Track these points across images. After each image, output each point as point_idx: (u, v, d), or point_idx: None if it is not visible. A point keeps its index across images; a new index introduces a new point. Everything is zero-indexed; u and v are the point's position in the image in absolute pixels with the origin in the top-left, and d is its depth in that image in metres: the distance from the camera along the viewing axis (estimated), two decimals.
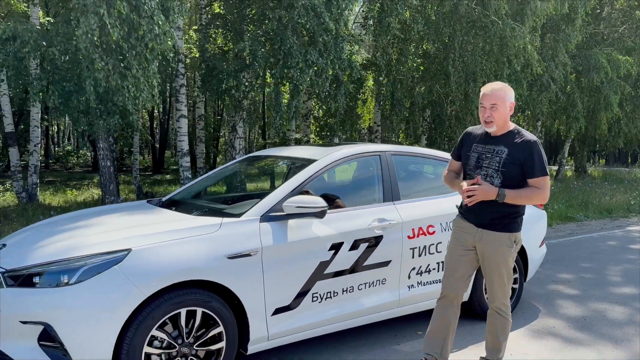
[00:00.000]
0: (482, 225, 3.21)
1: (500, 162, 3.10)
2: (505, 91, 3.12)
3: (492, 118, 3.10)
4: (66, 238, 3.18)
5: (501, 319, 3.29)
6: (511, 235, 3.19)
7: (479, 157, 3.21)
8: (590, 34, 16.02)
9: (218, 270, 3.08)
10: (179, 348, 2.99)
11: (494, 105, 3.08)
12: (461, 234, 3.32)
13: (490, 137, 3.20)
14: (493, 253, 3.19)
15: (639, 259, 7.02)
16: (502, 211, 3.14)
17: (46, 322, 2.74)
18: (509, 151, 3.09)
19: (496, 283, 3.24)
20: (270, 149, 5.23)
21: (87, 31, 6.85)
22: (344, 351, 3.80)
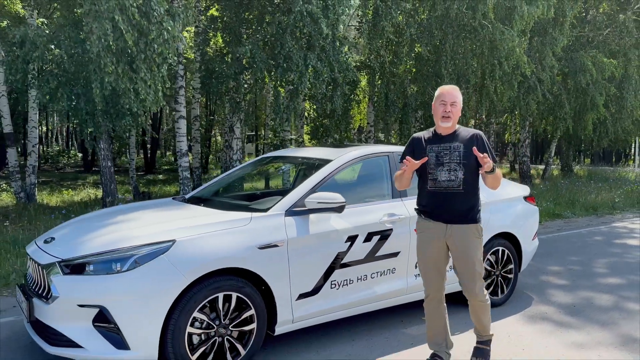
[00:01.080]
0: (451, 220, 3.39)
1: (460, 156, 3.33)
2: (460, 93, 3.42)
3: (451, 114, 3.33)
4: (112, 231, 3.51)
5: (481, 304, 3.49)
6: (477, 226, 3.42)
7: (437, 156, 3.38)
8: (576, 37, 16.54)
9: (250, 259, 3.44)
10: (217, 329, 3.34)
11: (454, 102, 3.34)
12: (429, 234, 3.47)
13: (441, 137, 3.43)
14: (465, 246, 3.38)
15: (623, 253, 7.47)
16: (469, 204, 3.38)
17: (102, 305, 3.07)
18: (465, 145, 3.34)
19: (471, 274, 3.41)
20: (285, 149, 5.59)
21: (101, 36, 7.14)
22: (357, 334, 4.17)
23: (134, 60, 7.66)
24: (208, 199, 4.57)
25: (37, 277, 3.43)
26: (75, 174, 26.80)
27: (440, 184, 3.37)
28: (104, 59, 7.30)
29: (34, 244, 3.76)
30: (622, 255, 7.28)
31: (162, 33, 7.59)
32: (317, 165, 4.25)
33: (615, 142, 20.78)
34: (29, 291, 3.47)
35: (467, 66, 13.33)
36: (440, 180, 3.36)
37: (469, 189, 3.36)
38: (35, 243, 3.77)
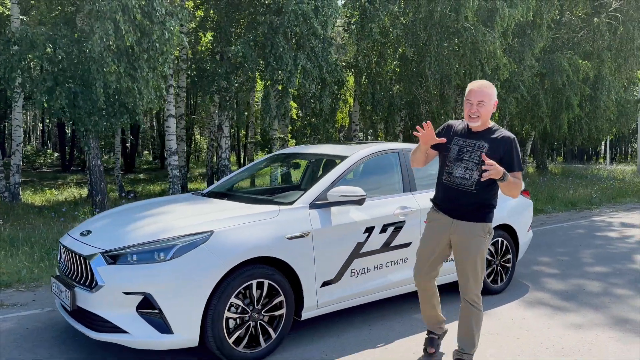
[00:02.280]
0: (458, 216, 3.35)
1: (480, 156, 3.23)
2: (492, 89, 3.28)
3: (479, 113, 3.23)
4: (150, 223, 3.71)
5: (475, 311, 3.37)
6: (485, 226, 3.33)
7: (459, 150, 3.33)
8: (552, 39, 17.11)
9: (281, 248, 3.67)
10: (251, 313, 3.56)
11: (481, 101, 3.22)
12: (436, 226, 3.47)
13: (471, 132, 3.34)
14: (468, 243, 3.32)
15: (606, 244, 7.91)
16: (479, 202, 3.31)
17: (147, 292, 3.27)
18: (490, 146, 3.24)
19: (470, 274, 3.33)
20: (296, 147, 5.83)
21: (102, 36, 7.26)
22: (372, 320, 4.44)
23: (137, 60, 7.79)
24: (229, 193, 4.78)
25: (77, 267, 3.60)
26: (54, 173, 26.47)
27: (454, 179, 3.34)
28: (105, 58, 7.41)
29: (68, 237, 3.92)
30: (605, 247, 7.71)
31: (163, 33, 7.73)
32: (333, 162, 4.51)
33: (589, 140, 21.51)
34: (69, 281, 3.64)
35: (450, 67, 13.73)
36: (455, 176, 3.32)
37: (481, 191, 3.29)
38: (69, 236, 3.94)
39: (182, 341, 3.33)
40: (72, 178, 23.22)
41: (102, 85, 8.09)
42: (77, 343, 3.93)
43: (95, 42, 7.35)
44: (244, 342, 3.53)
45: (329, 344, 3.94)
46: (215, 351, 3.43)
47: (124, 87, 7.97)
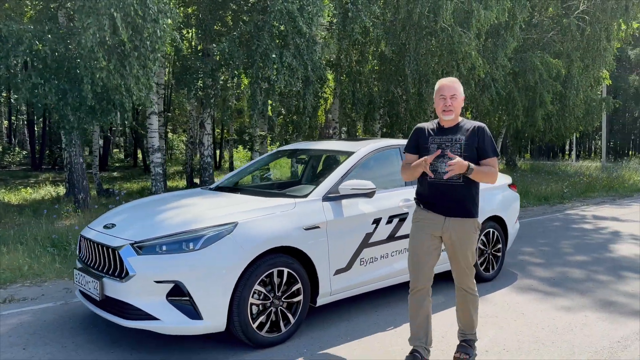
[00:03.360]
0: (451, 213, 3.40)
1: (461, 148, 3.34)
2: (460, 84, 3.45)
3: (452, 107, 3.34)
4: (174, 216, 3.88)
5: (470, 296, 3.52)
6: (474, 221, 3.45)
7: (439, 147, 3.38)
8: (524, 38, 17.69)
9: (299, 238, 3.89)
10: (272, 300, 3.77)
11: (454, 95, 3.34)
12: (426, 225, 3.47)
13: (443, 129, 3.44)
14: (462, 239, 3.39)
15: (582, 235, 8.37)
16: (464, 196, 3.39)
17: (178, 280, 3.45)
18: (466, 138, 3.36)
19: (464, 267, 3.45)
20: (299, 143, 6.04)
21: (96, 32, 7.30)
22: (379, 306, 4.69)
23: (127, 57, 7.85)
24: (239, 188, 4.97)
25: (104, 259, 3.74)
26: (24, 172, 26.01)
27: (440, 175, 3.36)
28: (97, 54, 7.45)
29: (91, 230, 4.05)
30: (582, 238, 8.16)
31: (155, 30, 7.82)
32: (340, 157, 4.74)
33: (558, 137, 22.28)
34: (96, 272, 3.77)
35: (428, 67, 14.10)
36: (441, 172, 3.35)
37: (469, 181, 3.36)
38: (92, 229, 4.06)
39: (210, 326, 3.52)
40: (45, 176, 22.88)
41: (90, 82, 8.11)
42: (99, 331, 4.07)
43: (88, 37, 7.37)
44: (266, 327, 3.74)
45: (342, 328, 4.18)
46: (241, 336, 3.62)
47: (113, 84, 8.01)
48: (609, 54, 18.98)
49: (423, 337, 3.46)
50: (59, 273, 5.90)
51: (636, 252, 7.09)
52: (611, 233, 8.61)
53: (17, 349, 3.77)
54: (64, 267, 6.04)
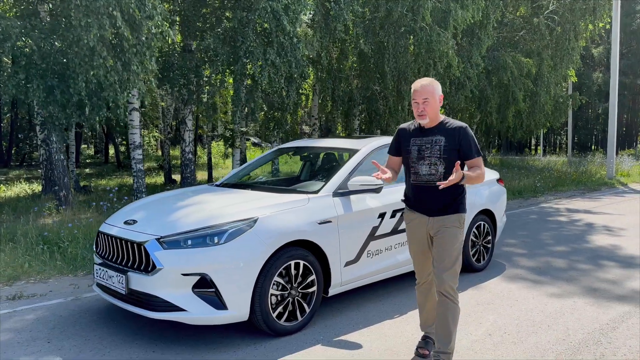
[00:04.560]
0: (431, 213, 3.40)
1: (441, 150, 3.30)
2: (434, 85, 3.33)
3: (425, 112, 3.29)
4: (194, 212, 4.05)
5: (451, 305, 3.30)
6: (459, 216, 3.39)
7: (419, 149, 3.38)
8: (496, 37, 18.22)
9: (314, 232, 4.10)
10: (290, 290, 3.98)
11: (426, 99, 3.28)
12: (414, 225, 3.52)
13: (424, 129, 3.40)
14: (444, 235, 3.34)
15: (559, 227, 8.81)
16: (450, 197, 3.35)
17: (205, 273, 3.62)
18: (446, 139, 3.30)
19: (447, 266, 3.30)
20: (301, 140, 6.24)
21: (97, 32, 7.35)
22: (382, 296, 4.94)
23: (125, 54, 7.90)
24: (248, 184, 5.15)
25: (128, 253, 3.88)
26: None
27: (421, 177, 3.37)
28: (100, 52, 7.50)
29: (112, 227, 4.16)
30: (559, 230, 8.59)
31: (150, 28, 7.89)
32: (344, 155, 4.97)
33: (528, 133, 23.01)
34: (120, 267, 3.90)
35: (406, 65, 14.44)
36: (422, 174, 3.36)
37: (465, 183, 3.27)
38: (113, 225, 4.18)
39: (234, 316, 3.71)
40: (16, 173, 22.43)
41: (84, 79, 8.13)
42: (118, 324, 4.20)
43: (91, 37, 7.41)
44: (284, 316, 3.94)
45: (352, 316, 4.41)
46: (262, 325, 3.82)
47: (109, 82, 8.05)
48: (576, 52, 19.71)
49: (432, 324, 3.58)
50: (60, 270, 5.96)
51: (611, 242, 7.54)
52: (586, 225, 9.08)
53: (41, 342, 3.88)
54: (64, 264, 6.10)
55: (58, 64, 9.00)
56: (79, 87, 8.29)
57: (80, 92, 8.40)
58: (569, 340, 3.91)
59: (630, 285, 5.36)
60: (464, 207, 3.45)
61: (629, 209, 11.03)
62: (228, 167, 26.06)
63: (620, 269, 6.02)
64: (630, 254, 6.79)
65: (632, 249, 7.06)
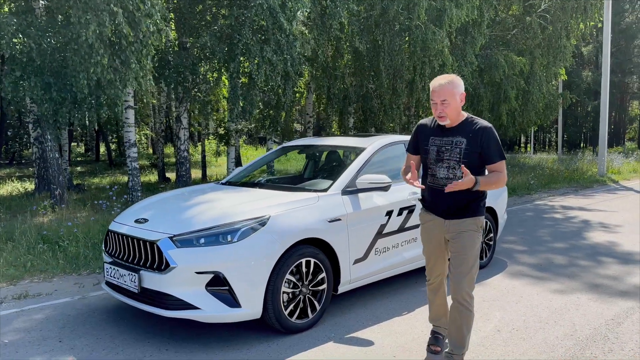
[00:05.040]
0: (449, 215, 3.28)
1: (461, 153, 3.14)
2: (454, 84, 3.14)
3: (444, 113, 3.13)
4: (205, 210, 4.05)
5: (465, 312, 3.24)
6: (477, 220, 3.25)
7: (438, 150, 3.22)
8: (489, 36, 18.34)
9: (324, 230, 4.13)
10: (301, 288, 4.00)
11: (444, 100, 3.10)
12: (430, 227, 3.44)
13: (445, 128, 3.24)
14: (460, 238, 3.23)
15: (555, 224, 8.91)
16: (467, 198, 3.21)
17: (219, 271, 3.63)
18: (468, 141, 3.13)
19: (464, 272, 3.21)
20: (306, 139, 6.26)
21: (95, 28, 7.30)
22: (388, 293, 4.98)
23: (124, 51, 7.87)
24: (255, 182, 5.17)
25: (140, 252, 3.88)
26: None
27: (439, 180, 3.27)
28: (97, 50, 7.46)
29: (123, 225, 4.15)
30: (555, 227, 8.69)
31: (149, 25, 7.86)
32: (352, 153, 5.00)
33: (520, 131, 23.19)
34: (131, 265, 3.90)
35: (401, 63, 14.50)
36: (439, 177, 3.26)
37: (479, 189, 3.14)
38: (123, 224, 4.17)
39: (248, 314, 3.72)
40: (6, 172, 22.24)
41: (85, 76, 8.08)
42: (128, 323, 4.20)
43: (89, 34, 7.37)
44: (296, 314, 3.96)
45: (360, 314, 4.44)
46: (274, 322, 3.84)
47: (106, 79, 8.01)
48: (567, 51, 19.89)
49: (442, 318, 3.59)
50: (63, 269, 5.93)
51: (608, 239, 7.64)
52: (582, 222, 9.19)
53: (53, 342, 3.87)
54: (66, 263, 6.07)
55: (54, 61, 8.94)
56: (81, 85, 8.25)
57: (83, 90, 8.36)
58: (577, 336, 3.97)
59: (631, 281, 5.45)
60: (482, 210, 3.30)
61: (622, 205, 11.18)
62: (221, 165, 25.98)
63: (619, 265, 6.11)
64: (628, 250, 6.88)
65: (629, 245, 7.16)
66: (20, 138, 28.44)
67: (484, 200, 3.31)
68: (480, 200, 3.28)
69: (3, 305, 4.74)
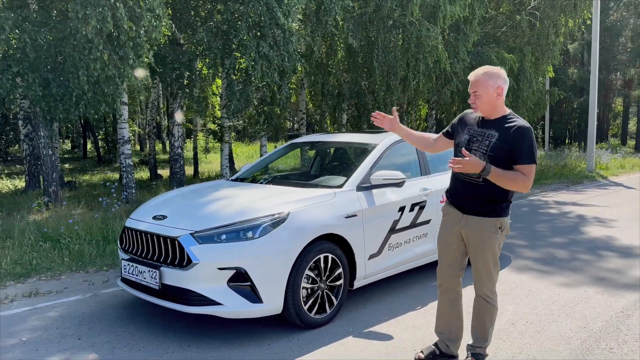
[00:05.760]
0: (467, 211, 3.23)
1: (489, 146, 3.08)
2: (489, 76, 3.10)
3: (476, 104, 3.14)
4: (224, 206, 4.07)
5: (488, 305, 3.29)
6: (496, 221, 3.16)
7: (469, 140, 3.20)
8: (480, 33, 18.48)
9: (341, 226, 4.16)
10: (319, 283, 4.03)
11: (476, 92, 3.11)
12: (447, 220, 3.39)
13: (484, 120, 3.21)
14: (478, 239, 3.19)
15: (552, 219, 9.04)
16: (488, 195, 3.14)
17: (241, 267, 3.65)
18: (499, 135, 3.07)
19: (482, 270, 3.23)
20: (315, 135, 6.27)
21: (96, 23, 7.25)
22: (400, 288, 5.03)
23: (122, 47, 7.81)
24: (267, 179, 5.19)
25: (160, 248, 3.88)
26: None
27: None
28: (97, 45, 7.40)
29: (140, 222, 4.15)
30: (552, 222, 8.82)
31: (151, 20, 7.82)
32: (364, 149, 5.04)
33: None
34: (152, 262, 3.90)
35: (395, 59, 14.55)
36: None
37: (489, 183, 3.07)
38: (141, 221, 4.16)
39: (269, 309, 3.75)
40: None
41: (85, 73, 8.02)
42: (145, 320, 4.20)
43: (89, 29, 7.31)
44: (314, 309, 3.99)
45: (375, 309, 4.49)
46: (294, 317, 3.87)
47: (105, 75, 7.95)
48: (556, 48, 20.10)
49: (445, 332, 3.48)
50: (68, 266, 5.89)
51: (605, 233, 7.78)
52: (577, 217, 9.34)
53: (72, 339, 3.85)
54: (71, 261, 6.03)
55: (50, 57, 8.85)
56: (80, 81, 8.18)
57: (82, 87, 8.28)
58: (590, 328, 4.05)
59: (634, 274, 5.56)
60: (504, 211, 3.20)
61: (614, 201, 11.37)
62: (211, 162, 25.90)
63: (620, 259, 6.23)
64: (627, 244, 7.02)
65: (627, 239, 7.30)
66: (6, 135, 28.06)
67: (507, 202, 3.22)
68: (503, 202, 3.19)
69: (15, 303, 4.71)
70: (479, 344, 3.38)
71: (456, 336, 3.49)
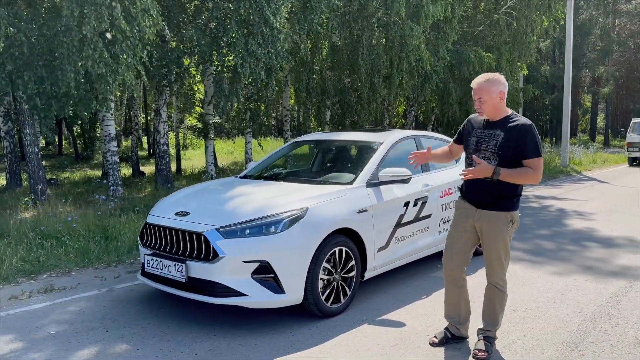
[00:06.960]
0: (482, 205, 3.48)
1: (496, 145, 3.34)
2: (492, 82, 3.37)
3: (482, 109, 3.42)
4: (244, 203, 4.27)
5: (499, 292, 3.57)
6: (508, 214, 3.43)
7: (478, 141, 3.46)
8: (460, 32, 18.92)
9: (354, 221, 4.41)
10: (334, 275, 4.27)
11: (480, 98, 3.38)
12: (462, 214, 3.63)
13: (489, 122, 3.47)
14: (490, 231, 3.45)
15: (535, 213, 9.46)
16: (501, 191, 3.39)
17: (265, 259, 3.86)
18: (505, 134, 3.33)
19: (494, 260, 3.51)
20: (318, 133, 6.49)
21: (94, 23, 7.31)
22: (404, 279, 5.30)
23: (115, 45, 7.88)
24: (275, 176, 5.42)
25: (185, 243, 4.06)
26: None
27: None
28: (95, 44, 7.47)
29: (163, 218, 4.31)
30: (535, 215, 9.24)
31: (145, 19, 7.91)
32: (370, 147, 5.29)
33: None
34: (177, 256, 4.08)
35: (379, 58, 14.85)
36: (475, 166, 3.37)
37: (500, 180, 3.32)
38: (163, 217, 4.33)
39: (291, 300, 3.97)
40: None
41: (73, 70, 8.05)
42: (168, 313, 4.37)
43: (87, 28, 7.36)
44: (331, 299, 4.23)
45: (383, 298, 4.75)
46: (313, 307, 4.10)
47: (96, 73, 8.01)
48: (532, 46, 20.69)
49: (455, 317, 3.76)
50: (76, 263, 5.99)
51: (586, 225, 8.21)
52: (558, 210, 9.79)
53: (100, 332, 4.01)
54: (77, 258, 6.13)
55: (43, 55, 8.85)
56: (67, 79, 8.20)
57: (69, 84, 8.31)
58: (584, 313, 4.39)
59: (618, 263, 5.96)
60: (514, 205, 3.46)
61: (590, 194, 11.89)
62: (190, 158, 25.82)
63: (603, 249, 6.64)
64: (607, 235, 7.44)
65: (607, 231, 7.73)
66: None
67: (517, 196, 3.48)
68: (514, 196, 3.46)
69: (32, 299, 4.82)
70: (490, 328, 3.64)
71: (465, 319, 3.79)
